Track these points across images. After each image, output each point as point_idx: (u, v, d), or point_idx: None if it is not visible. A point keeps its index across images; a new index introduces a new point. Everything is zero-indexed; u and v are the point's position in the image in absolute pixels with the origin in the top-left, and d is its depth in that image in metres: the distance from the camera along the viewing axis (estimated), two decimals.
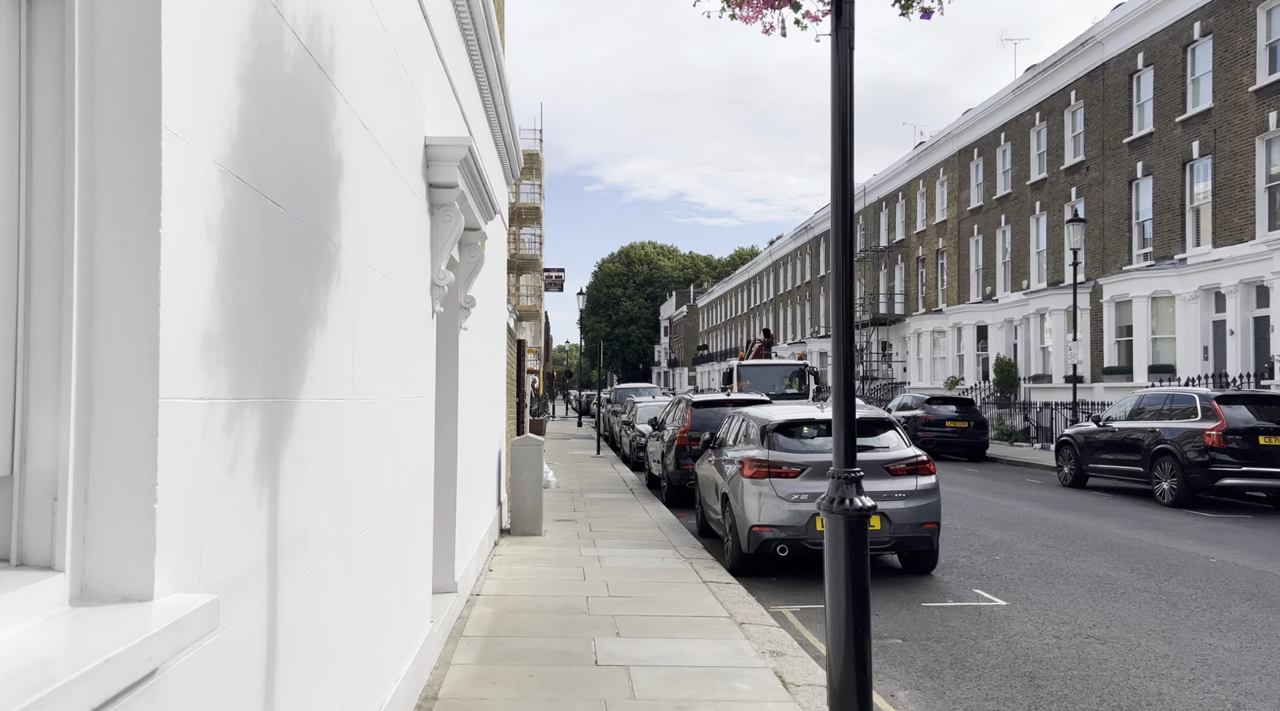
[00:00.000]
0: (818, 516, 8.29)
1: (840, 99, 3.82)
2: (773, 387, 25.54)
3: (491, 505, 9.59)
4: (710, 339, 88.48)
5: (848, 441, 3.83)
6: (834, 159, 3.89)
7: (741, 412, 10.13)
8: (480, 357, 8.07)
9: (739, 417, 10.16)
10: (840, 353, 3.89)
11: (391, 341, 4.09)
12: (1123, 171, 26.71)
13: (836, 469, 3.84)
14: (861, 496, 3.81)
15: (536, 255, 41.69)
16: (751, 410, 9.86)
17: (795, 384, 27.01)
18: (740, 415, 10.16)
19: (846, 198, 3.85)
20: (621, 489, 15.90)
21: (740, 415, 10.16)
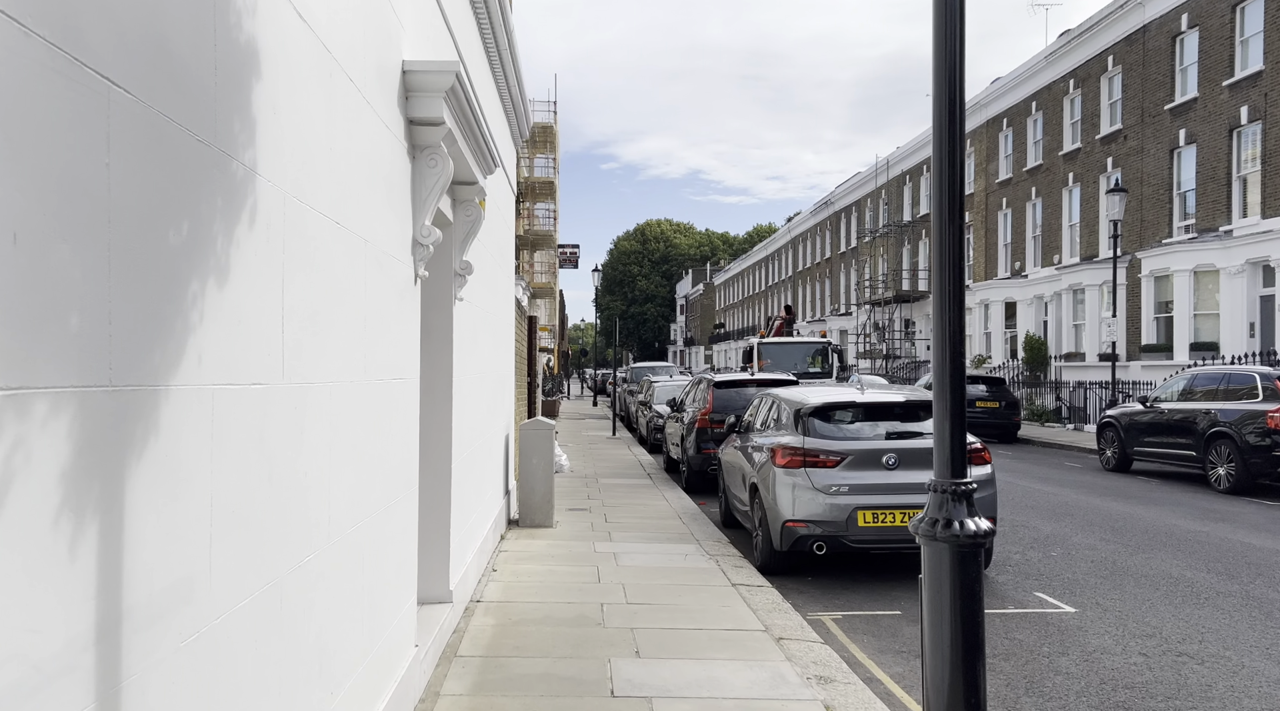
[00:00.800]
0: (860, 510, 7.42)
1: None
2: (794, 366, 24.56)
3: (497, 495, 8.77)
4: (727, 317, 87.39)
5: (955, 443, 2.90)
6: (936, 56, 2.97)
7: (771, 394, 9.24)
8: (482, 333, 7.20)
9: (768, 400, 9.27)
10: (946, 321, 2.98)
11: (351, 309, 3.22)
12: (1163, 139, 25.44)
13: (940, 480, 2.92)
14: (975, 517, 2.88)
15: (551, 231, 40.74)
16: (782, 392, 8.97)
17: (817, 362, 25.91)
18: (769, 397, 9.26)
19: (955, 107, 2.92)
20: (638, 473, 15.07)
21: (769, 397, 9.26)
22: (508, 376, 9.93)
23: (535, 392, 14.68)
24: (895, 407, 7.97)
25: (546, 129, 39.52)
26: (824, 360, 26.10)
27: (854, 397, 8.02)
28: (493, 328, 8.18)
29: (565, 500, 11.59)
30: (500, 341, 8.94)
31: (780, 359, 25.12)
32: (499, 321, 8.80)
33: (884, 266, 47.52)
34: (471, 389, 6.53)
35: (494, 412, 8.36)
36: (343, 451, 3.13)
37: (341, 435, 3.11)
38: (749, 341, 29.74)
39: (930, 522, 2.87)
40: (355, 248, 3.29)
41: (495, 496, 8.51)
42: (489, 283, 7.73)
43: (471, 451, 6.55)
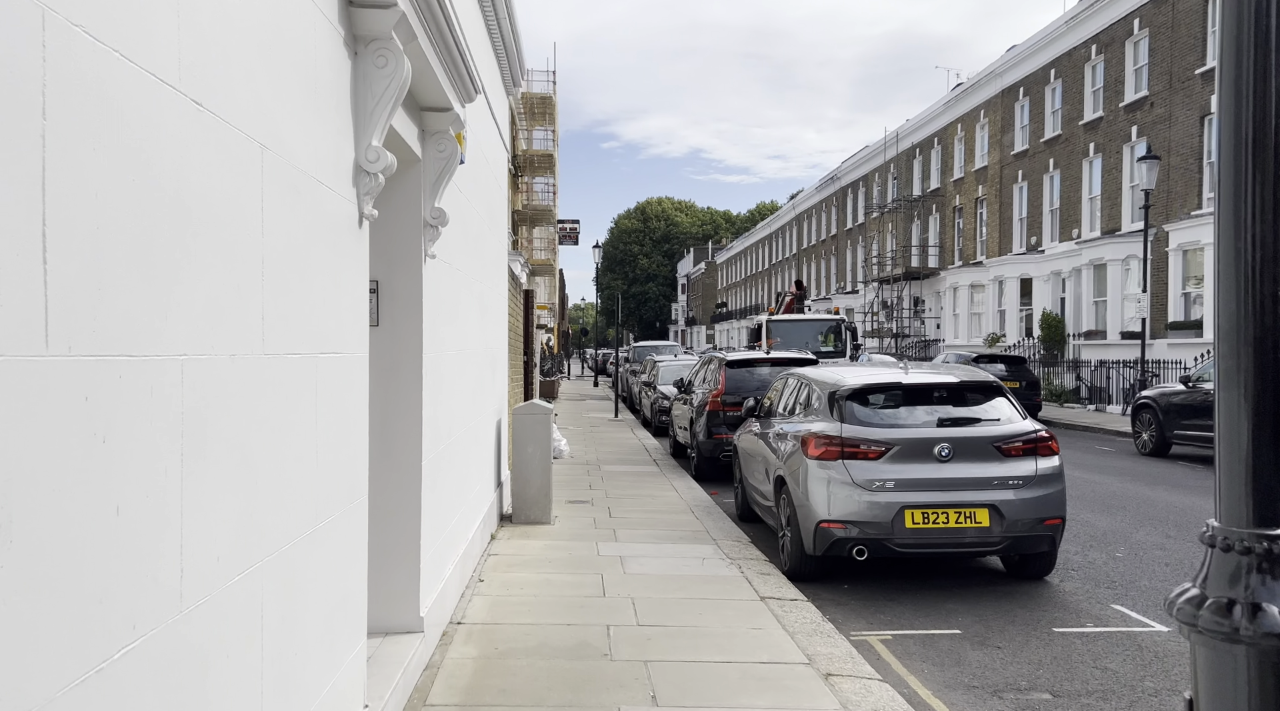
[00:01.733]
0: (908, 509, 6.34)
1: None
2: (806, 345, 23.25)
3: (488, 489, 7.70)
4: (729, 296, 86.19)
5: (1259, 472, 1.74)
6: None
7: (798, 375, 8.14)
8: (466, 302, 6.10)
9: (794, 381, 8.17)
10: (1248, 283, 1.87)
11: (230, 243, 2.12)
12: (1193, 106, 24.19)
13: (1237, 530, 1.78)
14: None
15: (550, 206, 39.50)
16: (812, 372, 7.87)
17: (830, 341, 24.65)
18: (795, 378, 8.17)
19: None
20: (643, 459, 14.01)
21: (795, 378, 8.17)
22: (500, 354, 8.84)
23: (532, 373, 13.60)
24: (946, 390, 6.88)
25: (545, 100, 38.20)
26: (837, 338, 24.80)
27: (898, 378, 6.92)
28: (481, 298, 7.08)
29: (565, 491, 10.53)
30: (491, 314, 7.84)
31: (791, 337, 23.89)
32: (489, 291, 7.70)
33: (892, 243, 46.29)
34: (451, 368, 5.44)
35: (483, 395, 7.27)
36: (215, 463, 2.04)
37: (211, 438, 2.01)
38: (757, 319, 28.22)
39: (1218, 607, 1.70)
40: (242, 153, 2.18)
41: (484, 491, 7.44)
42: (475, 244, 6.62)
43: (451, 442, 5.47)
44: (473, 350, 6.57)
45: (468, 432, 6.30)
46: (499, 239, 8.70)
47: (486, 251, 7.46)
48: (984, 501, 6.34)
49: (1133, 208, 27.34)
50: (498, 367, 8.58)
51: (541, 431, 8.37)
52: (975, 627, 5.81)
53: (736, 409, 12.14)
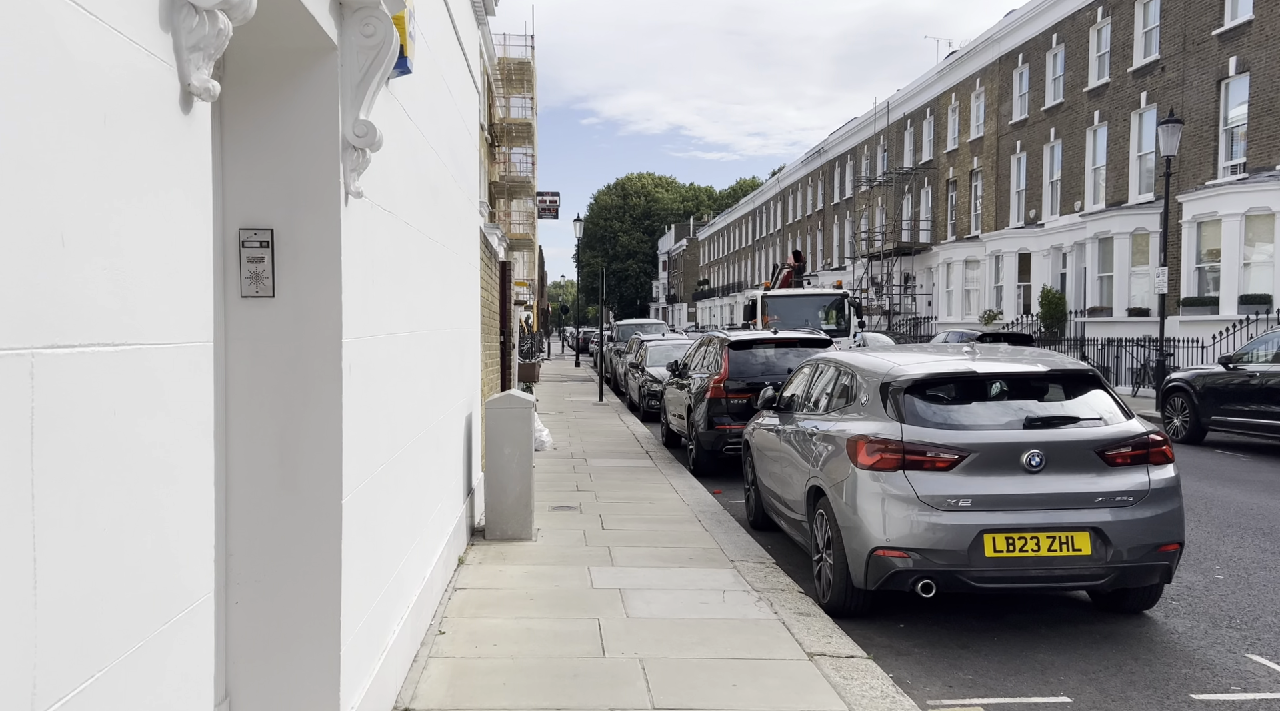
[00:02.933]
0: (989, 533, 4.97)
1: None
2: (805, 322, 21.64)
3: (454, 503, 6.26)
4: (711, 274, 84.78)
5: None
6: None
7: (831, 360, 6.72)
8: (417, 265, 4.62)
9: (825, 368, 6.76)
10: None
11: None
12: (1209, 69, 22.90)
13: None
14: None
15: (529, 178, 37.79)
16: (850, 357, 6.44)
17: (832, 318, 22.79)
18: (827, 364, 6.75)
19: None
20: (634, 450, 12.60)
21: (827, 364, 6.75)
22: (470, 336, 7.37)
23: (510, 355, 12.12)
24: (1031, 381, 5.49)
25: (523, 66, 36.38)
26: (840, 315, 22.85)
27: (969, 366, 5.50)
28: (443, 265, 5.60)
29: (548, 493, 9.11)
30: (456, 285, 6.37)
31: (789, 314, 21.94)
32: (455, 259, 6.22)
33: (882, 218, 44.99)
34: (394, 356, 3.97)
35: (446, 388, 5.80)
36: None
37: None
38: (751, 294, 25.79)
39: None
40: None
41: (449, 508, 5.99)
42: (432, 195, 5.13)
43: (396, 459, 4.01)
44: (431, 331, 5.10)
45: (424, 440, 4.84)
46: (468, 197, 7.19)
47: (450, 208, 5.97)
48: (1085, 523, 4.98)
49: (1141, 178, 26.14)
50: (467, 352, 7.10)
51: (521, 429, 6.92)
52: (1088, 693, 4.46)
53: (741, 396, 10.75)
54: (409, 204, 4.34)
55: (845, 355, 6.47)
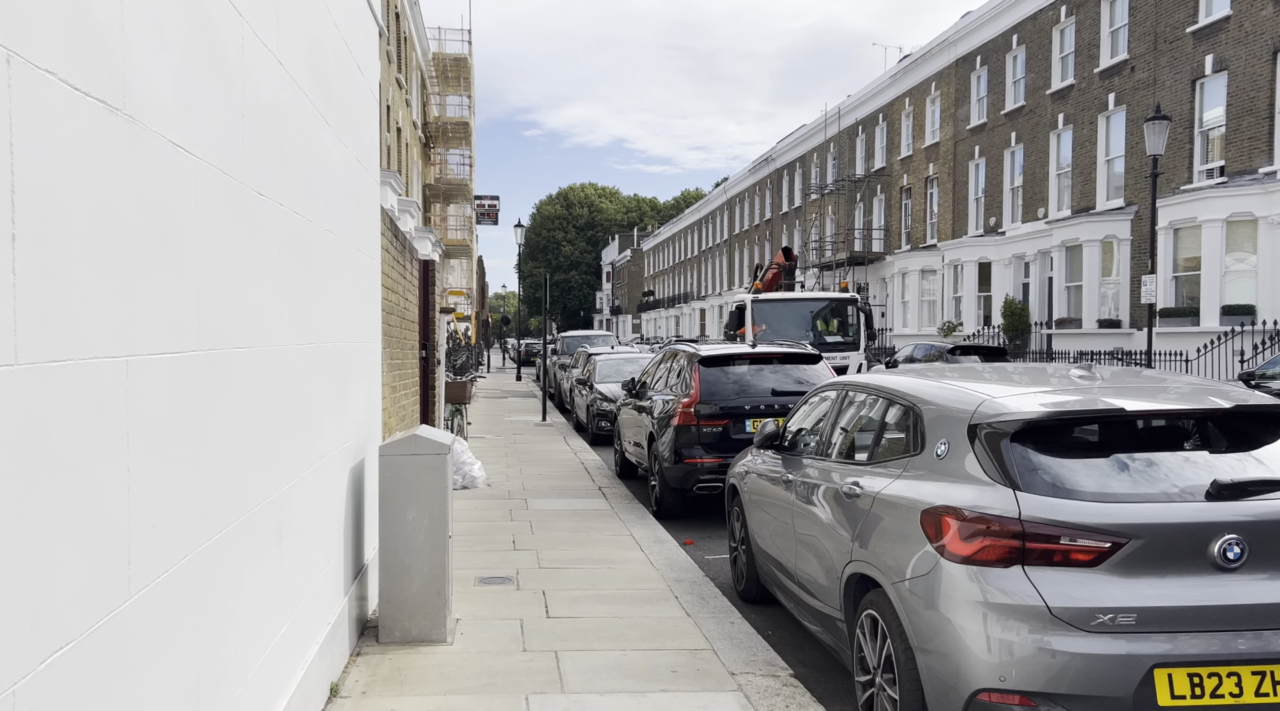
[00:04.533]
0: (1164, 669, 3.12)
1: None
2: (804, 332, 18.22)
3: (328, 598, 4.22)
4: (657, 285, 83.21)
5: None
6: None
7: (862, 385, 4.81)
8: (214, 228, 2.58)
9: (855, 395, 4.86)
10: None
11: None
12: (1183, 68, 21.88)
13: None
14: None
15: (466, 180, 35.56)
16: (899, 383, 4.51)
17: (834, 327, 19.02)
18: (859, 392, 4.85)
19: None
20: (585, 486, 10.61)
21: (859, 392, 4.85)
22: (363, 351, 5.33)
23: (434, 372, 10.06)
24: (1208, 422, 3.67)
25: (460, 62, 34.22)
26: (843, 325, 19.04)
27: (1110, 401, 3.64)
28: (297, 242, 3.59)
29: (475, 554, 7.07)
30: (335, 280, 4.34)
31: (783, 322, 18.31)
32: (327, 240, 4.20)
33: (833, 226, 43.78)
34: (134, 400, 1.94)
35: (298, 436, 3.75)
36: None
37: None
38: (736, 299, 20.53)
39: None
40: None
41: (311, 616, 3.93)
42: (266, 121, 3.11)
43: (127, 612, 1.97)
44: (266, 349, 3.07)
45: (239, 538, 2.80)
46: (357, 157, 5.16)
47: (314, 159, 3.94)
48: None
49: (1109, 183, 25.10)
50: (357, 374, 5.06)
51: (431, 484, 4.89)
52: None
53: (715, 423, 8.86)
54: (192, 116, 2.33)
55: (891, 379, 4.58)
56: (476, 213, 40.66)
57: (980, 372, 4.51)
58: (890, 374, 4.73)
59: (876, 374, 4.82)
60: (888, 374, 4.78)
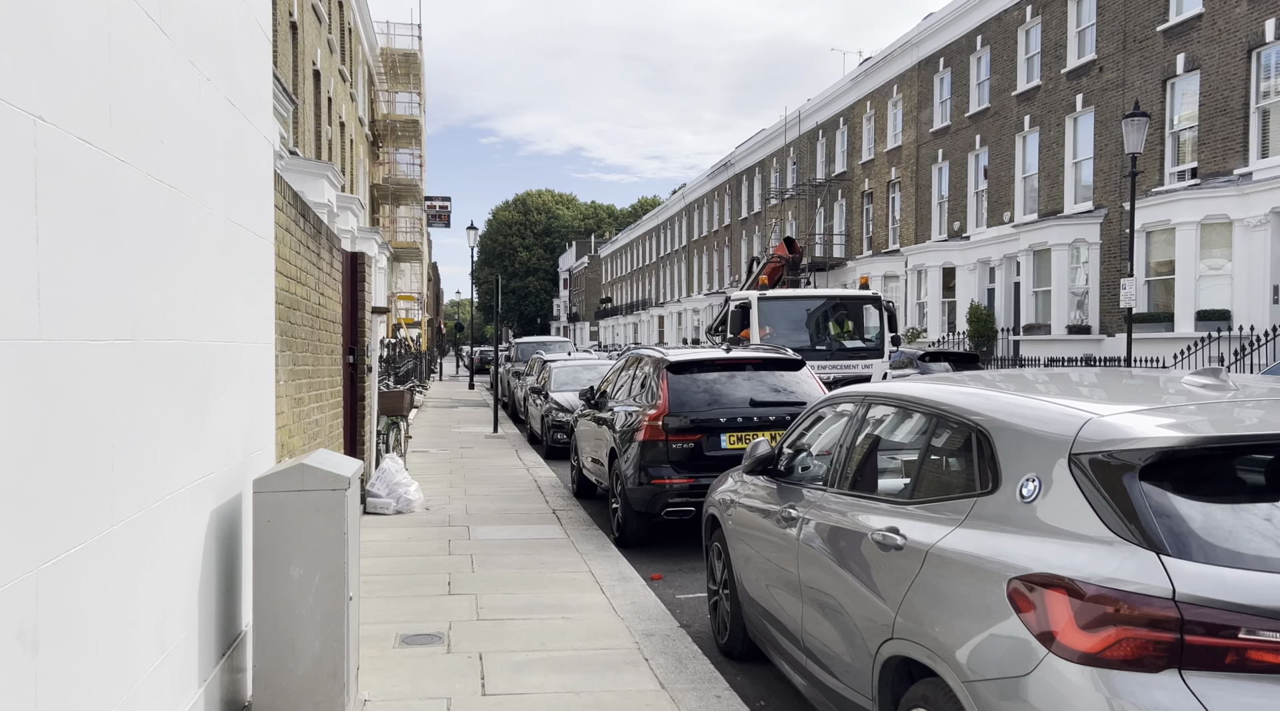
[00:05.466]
0: None
1: None
2: (817, 336, 15.77)
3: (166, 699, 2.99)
4: (614, 291, 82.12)
5: None
6: None
7: (893, 396, 3.69)
8: None
9: (879, 408, 3.76)
10: None
11: None
12: (1154, 68, 21.38)
13: None
14: None
15: (416, 181, 34.09)
16: (946, 394, 3.38)
17: (848, 330, 16.42)
18: (887, 403, 3.74)
19: None
20: (537, 509, 9.42)
21: (887, 403, 3.74)
22: (246, 352, 4.13)
23: (365, 381, 8.80)
24: None
25: (410, 57, 32.81)
26: (860, 326, 16.44)
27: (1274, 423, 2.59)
28: (119, 197, 2.39)
29: (401, 600, 5.86)
30: (186, 250, 3.14)
31: (791, 324, 15.75)
32: (176, 201, 3.02)
33: (793, 232, 43.06)
34: None
35: (114, 471, 2.55)
36: None
37: None
38: (737, 296, 17.51)
39: None
40: None
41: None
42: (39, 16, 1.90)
43: None
44: (25, 351, 1.86)
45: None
46: (224, 93, 3.96)
47: (127, 70, 2.73)
48: None
49: (1077, 186, 24.57)
50: (224, 385, 3.85)
51: (325, 531, 3.69)
52: None
53: (687, 438, 7.75)
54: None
55: (936, 389, 3.47)
56: (428, 214, 39.19)
57: (1056, 381, 3.44)
58: (934, 381, 3.63)
59: (914, 381, 3.72)
60: (927, 381, 3.68)
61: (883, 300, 16.70)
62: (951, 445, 3.18)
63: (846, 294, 18.02)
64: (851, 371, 15.26)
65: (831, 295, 17.62)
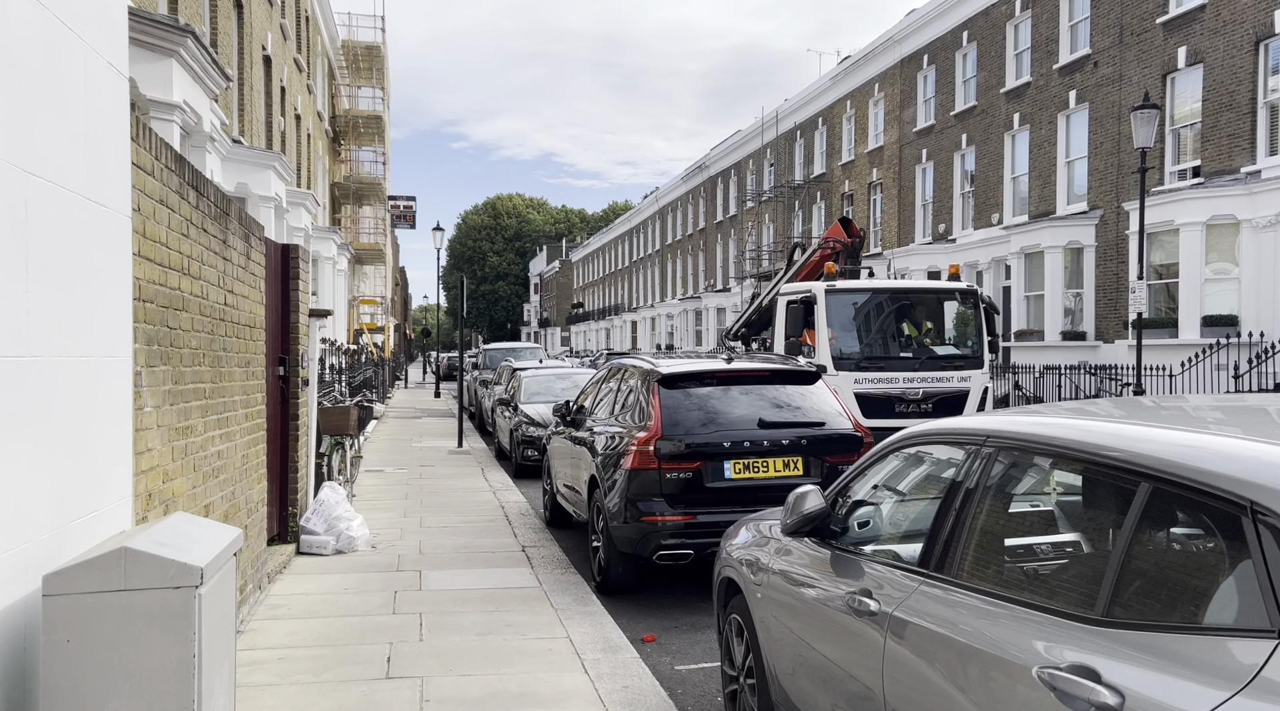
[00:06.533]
0: None
1: None
2: (899, 340, 12.67)
3: None
4: (586, 296, 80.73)
5: None
6: None
7: (1101, 448, 2.38)
8: None
9: (1035, 462, 2.47)
10: None
11: None
12: (1153, 62, 20.49)
13: None
14: None
15: (379, 180, 32.53)
16: (1208, 449, 2.12)
17: (928, 332, 13.05)
18: (1039, 451, 2.46)
19: None
20: (503, 545, 8.06)
21: (1039, 451, 2.46)
22: (71, 371, 2.78)
23: (296, 398, 7.41)
24: None
25: (372, 50, 31.28)
26: (937, 326, 13.13)
27: None
28: None
29: (321, 688, 4.50)
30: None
31: (864, 323, 12.65)
32: None
33: (770, 235, 42.02)
34: None
35: None
36: None
37: None
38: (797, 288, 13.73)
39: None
40: None
41: None
42: None
43: None
44: None
45: None
46: None
47: None
48: None
49: (1070, 187, 23.65)
50: (28, 418, 2.46)
51: (163, 656, 2.32)
52: None
53: (684, 466, 6.46)
54: None
55: (1115, 430, 2.20)
56: (392, 215, 37.62)
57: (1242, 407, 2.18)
58: (1109, 419, 2.34)
59: (1072, 418, 2.43)
60: (1097, 418, 2.40)
61: (978, 293, 13.30)
62: (1188, 533, 1.90)
63: (938, 285, 14.33)
64: (945, 386, 12.25)
65: (920, 287, 14.38)
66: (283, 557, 7.05)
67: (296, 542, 7.47)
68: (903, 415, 12.05)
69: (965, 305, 13.36)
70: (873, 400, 12.02)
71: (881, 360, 12.44)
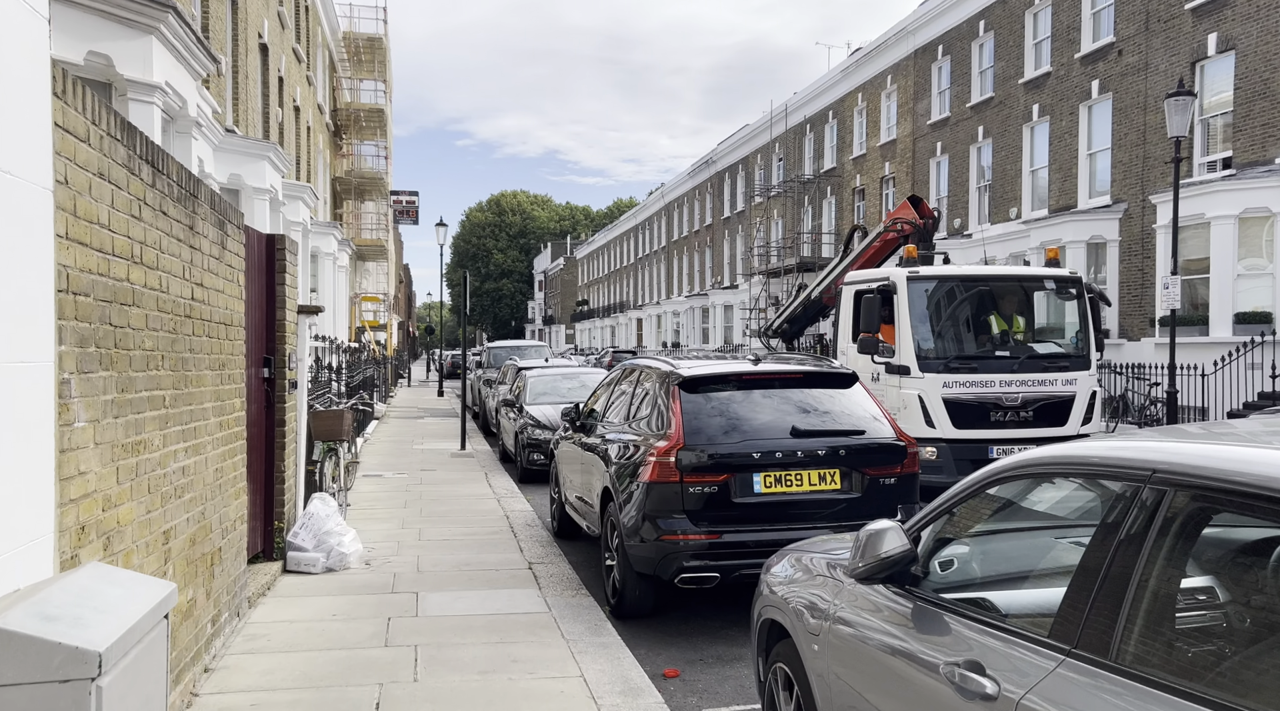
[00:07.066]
0: None
1: None
2: (990, 336, 10.74)
3: None
4: (591, 293, 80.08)
5: None
6: None
7: None
8: None
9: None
10: None
11: None
12: (1181, 50, 19.76)
13: None
14: None
15: (381, 174, 31.90)
16: None
17: (1019, 327, 11.05)
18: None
19: None
20: (508, 564, 7.42)
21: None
22: None
23: (282, 402, 6.78)
24: None
25: (374, 42, 30.65)
26: (1029, 320, 11.19)
27: None
28: None
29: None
30: None
31: (950, 316, 10.71)
32: None
33: (779, 231, 41.32)
34: None
35: None
36: None
37: None
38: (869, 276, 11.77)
39: None
40: None
41: None
42: None
43: None
44: None
45: None
46: None
47: None
48: None
49: (1092, 180, 22.93)
50: None
51: None
52: None
53: (709, 479, 5.81)
54: None
55: None
56: (394, 210, 37.02)
57: None
58: None
59: None
60: None
61: (1083, 282, 11.27)
62: None
63: (1038, 272, 12.17)
64: (1047, 390, 10.34)
65: (1020, 274, 11.90)
66: (267, 577, 6.42)
67: (283, 560, 6.85)
68: (999, 424, 10.16)
69: (1068, 295, 11.25)
70: (964, 407, 10.09)
71: (975, 360, 10.34)
